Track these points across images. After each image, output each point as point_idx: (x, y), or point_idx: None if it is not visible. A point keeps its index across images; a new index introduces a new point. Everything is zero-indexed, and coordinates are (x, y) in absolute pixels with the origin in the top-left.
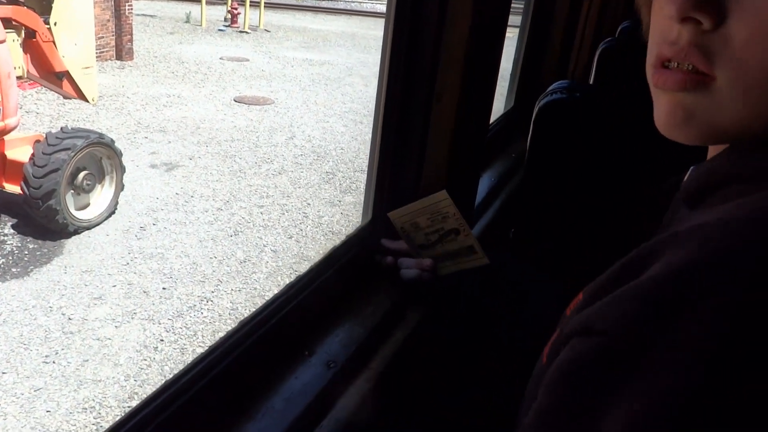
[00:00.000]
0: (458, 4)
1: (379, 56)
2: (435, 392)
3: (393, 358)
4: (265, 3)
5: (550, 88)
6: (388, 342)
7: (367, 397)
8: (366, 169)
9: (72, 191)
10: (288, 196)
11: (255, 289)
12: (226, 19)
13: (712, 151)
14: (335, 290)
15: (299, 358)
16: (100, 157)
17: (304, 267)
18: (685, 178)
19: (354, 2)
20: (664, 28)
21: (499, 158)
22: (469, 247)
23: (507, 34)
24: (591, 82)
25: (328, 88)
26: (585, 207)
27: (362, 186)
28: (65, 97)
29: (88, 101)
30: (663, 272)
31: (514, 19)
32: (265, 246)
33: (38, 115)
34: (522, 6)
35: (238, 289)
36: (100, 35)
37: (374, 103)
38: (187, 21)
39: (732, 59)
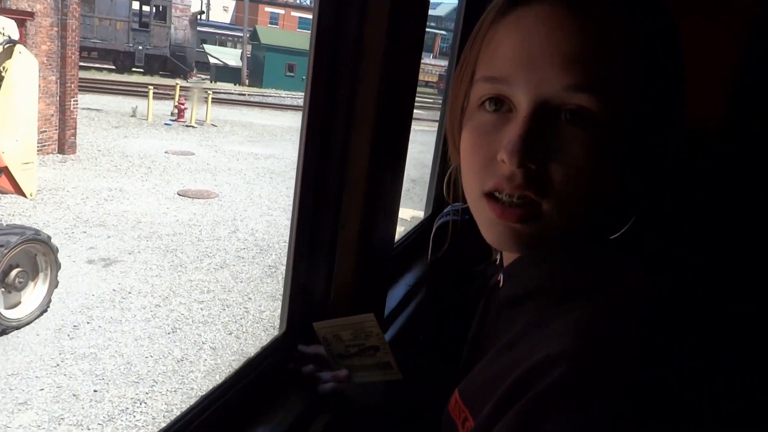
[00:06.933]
0: (358, 143)
1: None
2: None
3: None
4: (212, 98)
5: (446, 210)
6: None
7: None
8: None
9: (2, 289)
10: (229, 291)
11: (192, 389)
12: (173, 114)
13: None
14: (246, 403)
15: None
16: (34, 254)
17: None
18: (500, 280)
19: (300, 98)
20: (492, 167)
21: (410, 269)
22: (386, 363)
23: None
24: None
25: (273, 182)
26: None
27: None
28: (1, 192)
29: (26, 197)
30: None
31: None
32: (204, 343)
33: None
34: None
35: (173, 389)
36: (43, 129)
37: None
38: (134, 115)
39: (554, 191)
